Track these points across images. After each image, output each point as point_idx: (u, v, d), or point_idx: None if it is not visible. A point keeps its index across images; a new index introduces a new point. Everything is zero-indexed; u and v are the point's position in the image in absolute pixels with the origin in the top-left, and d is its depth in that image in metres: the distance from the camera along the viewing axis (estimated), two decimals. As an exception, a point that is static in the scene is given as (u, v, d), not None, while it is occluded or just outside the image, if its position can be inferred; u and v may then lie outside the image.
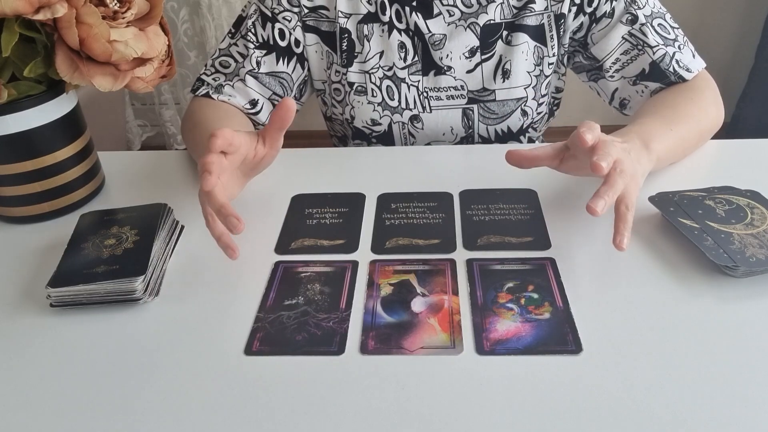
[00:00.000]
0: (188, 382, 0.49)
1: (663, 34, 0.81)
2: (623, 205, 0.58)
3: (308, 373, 0.49)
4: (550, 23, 0.84)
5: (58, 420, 0.46)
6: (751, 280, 0.56)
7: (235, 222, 0.55)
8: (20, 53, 0.63)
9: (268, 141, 0.64)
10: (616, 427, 0.44)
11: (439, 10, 0.84)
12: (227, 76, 0.85)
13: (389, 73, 0.87)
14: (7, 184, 0.67)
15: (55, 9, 0.59)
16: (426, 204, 0.70)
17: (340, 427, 0.45)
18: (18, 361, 0.52)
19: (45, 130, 0.67)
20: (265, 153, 0.64)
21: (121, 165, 0.82)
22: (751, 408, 0.45)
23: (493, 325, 0.53)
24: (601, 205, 0.55)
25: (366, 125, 0.90)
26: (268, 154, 0.65)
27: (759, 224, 0.60)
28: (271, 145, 0.64)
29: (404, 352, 0.51)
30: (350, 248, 0.64)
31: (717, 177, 0.72)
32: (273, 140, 0.64)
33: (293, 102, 0.61)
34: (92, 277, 0.56)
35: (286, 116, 0.61)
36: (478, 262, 0.61)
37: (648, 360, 0.49)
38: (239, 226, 0.55)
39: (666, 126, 0.70)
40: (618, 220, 0.57)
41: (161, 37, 0.67)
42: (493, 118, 0.89)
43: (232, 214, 0.55)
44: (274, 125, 0.62)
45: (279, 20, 0.85)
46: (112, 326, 0.55)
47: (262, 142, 0.64)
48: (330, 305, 0.56)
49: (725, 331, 0.51)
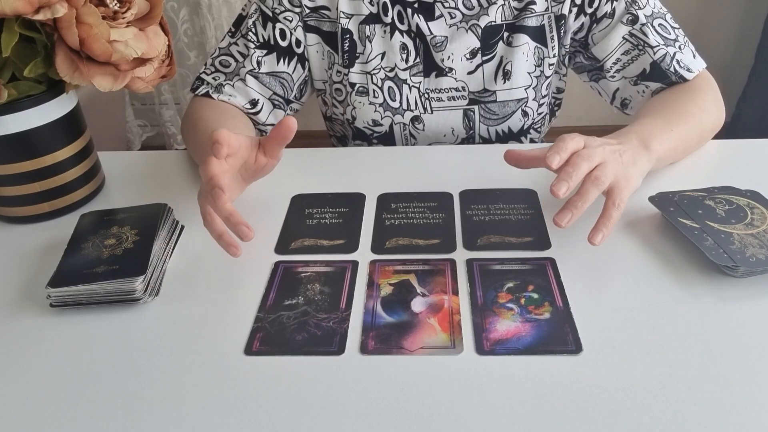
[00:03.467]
0: (188, 382, 0.49)
1: (663, 34, 0.81)
2: (610, 201, 0.58)
3: (308, 373, 0.49)
4: (550, 24, 0.84)
5: (58, 420, 0.46)
6: (751, 280, 0.56)
7: (246, 231, 0.55)
8: (20, 53, 0.63)
9: (268, 152, 0.64)
10: (616, 427, 0.44)
11: (441, 12, 0.84)
12: (227, 75, 0.85)
13: (391, 74, 0.87)
14: (7, 184, 0.67)
15: (55, 9, 0.59)
16: (426, 204, 0.70)
17: (340, 427, 0.45)
18: (18, 361, 0.52)
19: (45, 130, 0.67)
20: (266, 162, 0.64)
21: (121, 165, 0.82)
22: (751, 408, 0.45)
23: (493, 325, 0.53)
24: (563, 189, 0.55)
25: (367, 126, 0.90)
26: (269, 163, 0.65)
27: (759, 224, 0.60)
28: (271, 156, 0.64)
29: (404, 352, 0.51)
30: (350, 248, 0.64)
31: (717, 177, 0.72)
32: (273, 152, 0.64)
33: (294, 121, 0.60)
34: (92, 277, 0.56)
35: (286, 135, 0.61)
36: (478, 262, 0.61)
37: (648, 360, 0.49)
38: (250, 234, 0.56)
39: (667, 126, 0.70)
40: (601, 215, 0.58)
41: (161, 37, 0.67)
42: (494, 119, 0.89)
43: (242, 222, 0.56)
44: (274, 140, 0.62)
45: (280, 20, 0.85)
46: (112, 326, 0.55)
47: (262, 152, 0.64)
48: (330, 305, 0.56)
49: (725, 331, 0.51)
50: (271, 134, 0.62)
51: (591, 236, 0.57)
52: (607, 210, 0.58)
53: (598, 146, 0.60)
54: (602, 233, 0.57)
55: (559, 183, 0.56)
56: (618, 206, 0.58)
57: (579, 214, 0.57)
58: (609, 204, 0.58)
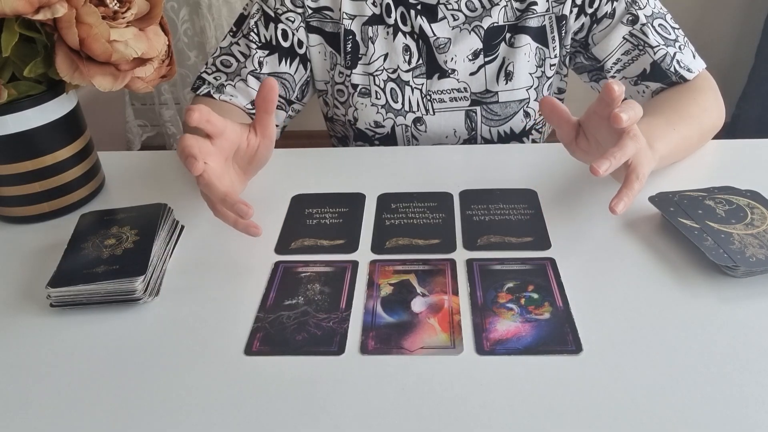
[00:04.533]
0: (188, 382, 0.49)
1: (664, 34, 0.81)
2: (633, 174, 0.58)
3: (308, 373, 0.49)
4: (551, 24, 0.84)
5: (58, 420, 0.46)
6: (751, 280, 0.56)
7: (244, 208, 0.55)
8: (20, 53, 0.63)
9: (258, 128, 0.63)
10: (616, 427, 0.44)
11: (444, 14, 0.84)
12: (229, 75, 0.85)
13: (393, 75, 0.87)
14: (7, 184, 0.67)
15: (55, 9, 0.59)
16: (426, 204, 0.70)
17: (340, 427, 0.45)
18: (18, 361, 0.52)
19: (45, 130, 0.67)
20: (258, 143, 0.64)
21: (121, 165, 0.82)
22: (751, 408, 0.45)
23: (493, 325, 0.53)
24: (605, 166, 0.55)
25: (369, 127, 0.90)
26: (262, 144, 0.64)
27: (759, 224, 0.60)
28: (262, 133, 0.63)
29: (404, 352, 0.51)
30: (350, 248, 0.64)
31: (717, 177, 0.72)
32: (263, 126, 0.63)
33: (274, 80, 0.60)
34: (92, 277, 0.56)
35: (269, 96, 0.60)
36: (478, 262, 0.61)
37: (648, 360, 0.49)
38: (249, 212, 0.55)
39: (668, 126, 0.70)
40: (624, 185, 0.57)
41: (161, 37, 0.67)
42: (495, 120, 0.89)
43: (239, 201, 0.55)
44: (260, 109, 0.62)
45: (282, 21, 0.85)
46: (112, 326, 0.55)
47: (253, 131, 0.63)
48: (330, 305, 0.56)
49: (725, 331, 0.51)
50: (257, 102, 0.61)
51: (613, 204, 0.56)
52: (630, 181, 0.57)
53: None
54: (624, 202, 0.56)
55: (604, 160, 0.55)
56: (640, 179, 0.57)
57: (617, 165, 0.56)
58: (632, 176, 0.58)
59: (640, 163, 0.59)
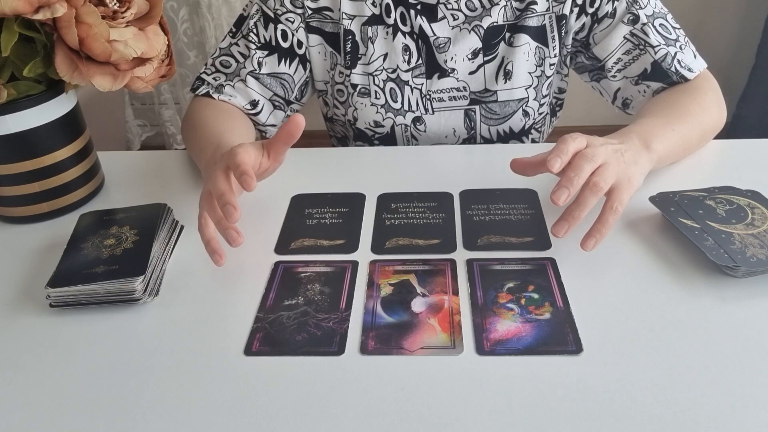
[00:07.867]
0: (188, 382, 0.49)
1: (664, 34, 0.81)
2: (609, 205, 0.58)
3: (308, 373, 0.49)
4: (551, 24, 0.84)
5: (58, 420, 0.46)
6: (751, 281, 0.56)
7: (234, 235, 0.56)
8: (20, 53, 0.63)
9: (272, 154, 0.62)
10: (616, 427, 0.44)
11: (444, 14, 0.84)
12: (228, 76, 0.85)
13: (393, 75, 0.87)
14: (6, 184, 0.67)
15: (55, 9, 0.58)
16: (426, 204, 0.70)
17: (340, 427, 0.45)
18: (18, 361, 0.52)
19: (44, 130, 0.67)
20: (269, 166, 0.63)
21: (120, 165, 0.82)
22: (751, 408, 0.45)
23: (493, 325, 0.53)
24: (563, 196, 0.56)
25: (369, 127, 0.90)
26: (271, 166, 0.64)
27: (759, 224, 0.60)
28: (275, 159, 0.63)
29: (404, 353, 0.51)
30: (350, 248, 0.64)
31: (717, 177, 0.72)
32: (277, 153, 0.62)
33: (302, 119, 0.59)
34: (92, 277, 0.56)
35: (294, 132, 0.59)
36: (478, 262, 0.61)
37: (648, 360, 0.49)
38: (238, 240, 0.56)
39: (668, 125, 0.70)
40: (598, 220, 0.58)
41: (161, 37, 0.67)
42: (494, 119, 0.89)
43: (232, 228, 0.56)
44: (280, 140, 0.60)
45: (282, 21, 0.85)
46: (112, 326, 0.55)
47: (267, 155, 0.62)
48: (330, 305, 0.56)
49: (725, 331, 0.51)
50: (279, 133, 0.60)
51: (583, 242, 0.57)
52: (604, 215, 0.58)
53: (600, 146, 0.60)
54: (595, 239, 0.57)
55: (560, 190, 0.56)
56: (616, 210, 0.58)
57: (576, 224, 0.57)
58: (607, 208, 0.58)
59: (618, 189, 0.58)
